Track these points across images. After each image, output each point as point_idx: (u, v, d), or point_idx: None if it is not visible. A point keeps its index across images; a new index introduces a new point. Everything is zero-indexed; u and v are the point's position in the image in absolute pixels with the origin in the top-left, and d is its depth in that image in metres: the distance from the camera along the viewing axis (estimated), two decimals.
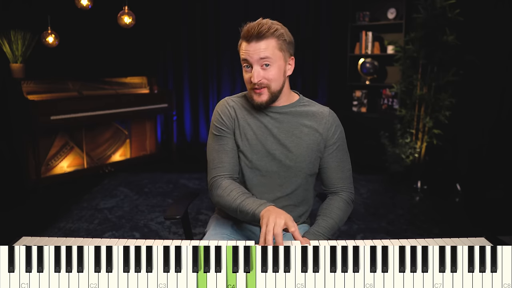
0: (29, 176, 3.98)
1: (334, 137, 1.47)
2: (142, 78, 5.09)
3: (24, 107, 3.85)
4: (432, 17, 3.78)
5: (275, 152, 1.43)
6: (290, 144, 1.43)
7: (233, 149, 1.45)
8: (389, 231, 3.12)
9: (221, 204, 1.41)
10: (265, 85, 1.36)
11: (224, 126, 1.45)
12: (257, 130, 1.44)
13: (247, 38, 1.33)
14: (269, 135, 1.44)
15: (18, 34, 4.01)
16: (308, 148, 1.44)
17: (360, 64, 4.98)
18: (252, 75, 1.34)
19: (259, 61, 1.33)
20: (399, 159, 4.16)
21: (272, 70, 1.35)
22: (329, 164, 1.48)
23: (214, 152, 1.46)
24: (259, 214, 1.25)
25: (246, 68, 1.37)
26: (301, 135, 1.44)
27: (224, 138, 1.45)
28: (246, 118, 1.45)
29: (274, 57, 1.34)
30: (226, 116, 1.46)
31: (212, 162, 1.46)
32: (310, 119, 1.46)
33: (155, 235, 3.03)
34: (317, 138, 1.45)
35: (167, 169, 4.84)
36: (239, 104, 1.48)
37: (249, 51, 1.33)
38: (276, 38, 1.34)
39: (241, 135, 1.45)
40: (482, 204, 3.72)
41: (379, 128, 4.47)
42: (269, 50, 1.33)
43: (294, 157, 1.44)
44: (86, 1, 3.81)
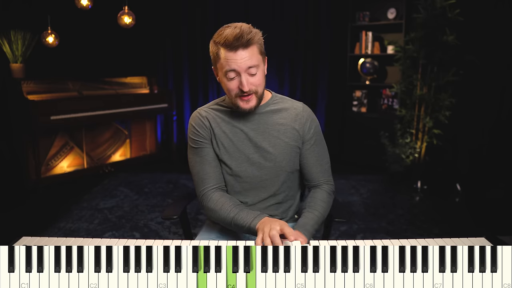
0: (29, 176, 3.98)
1: (310, 131, 1.48)
2: (142, 78, 5.09)
3: (24, 107, 3.85)
4: (432, 17, 3.78)
5: (254, 156, 1.44)
6: (268, 145, 1.44)
7: (214, 158, 1.46)
8: (389, 231, 3.12)
9: (214, 218, 1.42)
10: (253, 91, 1.35)
11: (201, 137, 1.45)
12: (233, 136, 1.44)
13: (231, 46, 1.29)
14: (245, 140, 1.44)
15: (18, 34, 4.01)
16: (286, 146, 1.45)
17: (360, 64, 4.98)
18: (242, 83, 1.31)
19: (246, 70, 1.31)
20: (399, 159, 4.16)
21: (258, 75, 1.34)
22: (308, 159, 1.49)
23: (197, 165, 1.45)
24: (255, 227, 1.26)
25: (231, 77, 1.33)
26: (278, 134, 1.44)
27: (204, 149, 1.45)
28: (221, 126, 1.45)
29: (258, 62, 1.33)
30: (200, 127, 1.45)
31: (197, 175, 1.45)
32: (285, 116, 1.46)
33: (155, 235, 3.03)
34: (294, 135, 1.45)
35: (167, 169, 4.84)
36: (212, 113, 1.47)
37: (236, 60, 1.30)
38: (257, 44, 1.33)
39: (218, 144, 1.44)
40: (482, 204, 3.72)
41: (379, 128, 4.47)
42: (254, 57, 1.31)
43: (273, 157, 1.44)
44: (86, 1, 3.81)
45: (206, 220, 1.66)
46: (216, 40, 1.33)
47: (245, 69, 1.31)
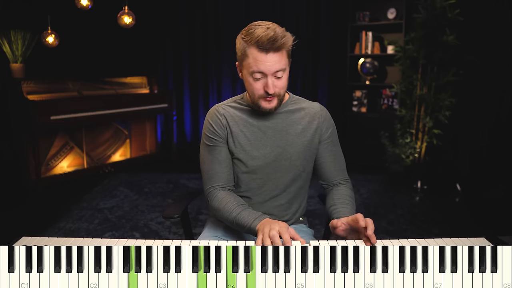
0: (29, 176, 3.98)
1: (328, 131, 1.49)
2: (142, 78, 5.09)
3: (24, 107, 3.85)
4: (432, 17, 3.78)
5: (271, 154, 1.44)
6: (285, 144, 1.44)
7: (226, 158, 1.45)
8: (389, 231, 3.12)
9: (218, 216, 1.43)
10: (277, 94, 1.35)
11: (216, 135, 1.44)
12: (250, 135, 1.44)
13: (264, 49, 1.27)
14: (263, 139, 1.44)
15: (18, 34, 4.01)
16: (303, 145, 1.45)
17: (360, 64, 4.98)
18: (268, 86, 1.31)
19: (274, 73, 1.31)
20: (399, 159, 4.16)
21: (283, 79, 1.34)
22: (326, 158, 1.50)
23: (208, 163, 1.45)
24: (255, 228, 1.26)
25: (257, 78, 1.32)
26: (296, 133, 1.45)
27: (217, 147, 1.44)
28: (239, 125, 1.45)
29: (286, 66, 1.33)
30: (217, 125, 1.44)
31: (206, 173, 1.46)
32: (302, 116, 1.47)
33: (155, 235, 3.03)
34: (311, 135, 1.46)
35: (167, 169, 4.84)
36: (230, 111, 1.47)
37: (265, 62, 1.28)
38: (288, 48, 1.33)
39: (234, 142, 1.44)
40: (482, 204, 3.72)
41: (379, 128, 4.47)
42: (283, 61, 1.31)
43: (289, 156, 1.44)
44: (86, 1, 3.81)
45: (210, 218, 1.65)
46: (246, 38, 1.30)
47: (273, 72, 1.31)
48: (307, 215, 1.65)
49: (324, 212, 1.55)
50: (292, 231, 1.17)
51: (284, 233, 1.14)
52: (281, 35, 1.28)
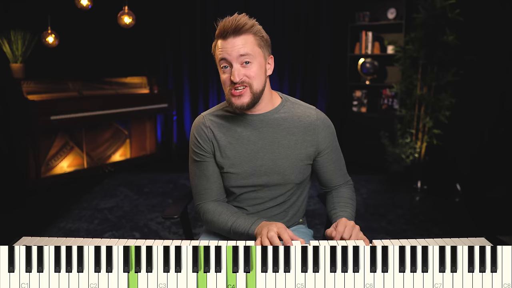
0: (29, 176, 3.98)
1: (326, 142, 1.40)
2: (142, 78, 5.09)
3: (24, 107, 3.85)
4: (432, 17, 3.78)
5: (262, 167, 1.37)
6: (277, 157, 1.36)
7: (214, 172, 1.39)
8: (389, 231, 3.12)
9: (214, 229, 1.40)
10: (246, 83, 1.26)
11: (202, 150, 1.38)
12: (240, 147, 1.36)
13: (223, 35, 1.25)
14: (253, 151, 1.36)
15: (18, 34, 4.01)
16: (296, 158, 1.37)
17: (360, 64, 4.98)
18: (233, 73, 1.24)
19: (238, 59, 1.24)
20: (399, 159, 4.16)
21: (253, 67, 1.26)
22: (327, 167, 1.44)
23: (196, 178, 1.41)
24: (253, 233, 1.24)
25: (224, 69, 1.27)
26: (289, 144, 1.36)
27: (204, 163, 1.39)
28: (226, 136, 1.37)
29: (254, 53, 1.26)
30: (203, 139, 1.38)
31: (195, 188, 1.42)
32: (296, 125, 1.37)
33: (155, 235, 3.03)
34: (306, 147, 1.38)
35: (167, 169, 4.84)
36: (217, 121, 1.38)
37: (226, 48, 1.24)
38: (254, 34, 1.27)
39: (222, 156, 1.37)
40: (482, 204, 3.72)
41: (379, 128, 4.47)
42: (248, 46, 1.25)
43: (282, 170, 1.37)
44: (86, 1, 3.81)
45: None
46: (215, 33, 1.30)
47: (236, 57, 1.24)
48: (307, 215, 1.65)
49: (324, 212, 1.55)
50: (290, 232, 1.15)
51: (283, 233, 1.13)
52: (239, 19, 1.26)
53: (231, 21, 1.26)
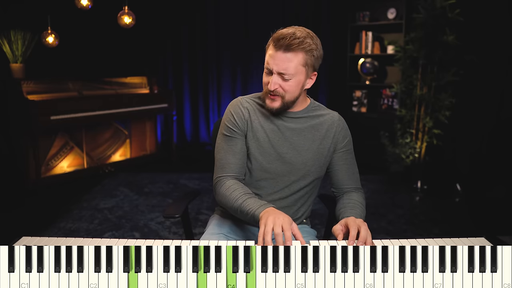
0: (29, 176, 3.98)
1: (345, 141, 1.50)
2: (142, 78, 5.09)
3: (24, 107, 3.85)
4: (432, 17, 3.78)
5: (286, 155, 1.43)
6: (301, 148, 1.44)
7: (241, 150, 1.44)
8: (389, 231, 3.12)
9: (223, 203, 1.40)
10: (279, 94, 1.35)
11: (236, 127, 1.44)
12: (270, 132, 1.44)
13: (277, 45, 1.30)
14: (281, 138, 1.44)
15: (18, 34, 4.01)
16: (318, 152, 1.45)
17: (360, 64, 4.98)
18: (270, 82, 1.33)
19: (279, 74, 1.32)
20: (399, 159, 4.16)
21: (290, 83, 1.34)
22: (340, 167, 1.49)
23: (222, 152, 1.44)
24: (259, 215, 1.23)
25: (267, 72, 1.36)
26: (314, 138, 1.45)
27: (234, 139, 1.44)
28: (260, 120, 1.44)
29: (295, 72, 1.32)
30: (239, 117, 1.44)
31: (219, 162, 1.44)
32: (321, 123, 1.47)
33: (155, 235, 3.03)
34: (327, 143, 1.47)
35: (167, 169, 4.84)
36: (254, 105, 1.47)
37: (274, 59, 1.31)
38: (305, 53, 1.31)
39: (253, 137, 1.44)
40: (482, 204, 3.72)
41: (379, 128, 4.47)
42: (292, 65, 1.30)
43: (305, 160, 1.44)
44: (86, 1, 3.81)
45: (214, 215, 1.63)
46: (272, 35, 1.35)
47: (278, 71, 1.32)
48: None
49: (325, 212, 1.55)
50: (295, 226, 1.16)
51: (286, 229, 1.13)
52: (297, 35, 1.29)
53: (289, 35, 1.29)
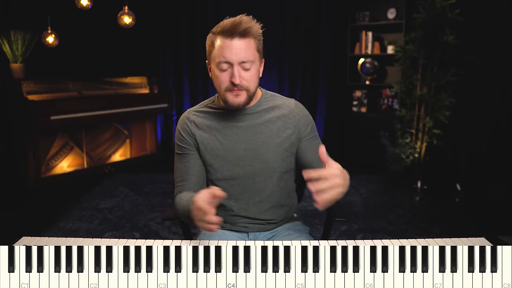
0: (29, 176, 3.98)
1: (308, 128, 1.43)
2: (142, 78, 5.09)
3: (24, 107, 3.85)
4: (432, 17, 3.78)
5: (245, 158, 1.39)
6: (259, 146, 1.39)
7: (195, 165, 1.42)
8: (389, 231, 3.12)
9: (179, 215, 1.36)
10: (244, 87, 1.30)
11: (185, 143, 1.42)
12: (223, 139, 1.39)
13: (229, 34, 1.26)
14: (236, 142, 1.39)
15: (18, 34, 4.01)
16: (279, 147, 1.40)
17: (360, 64, 4.98)
18: (234, 75, 1.27)
19: (240, 63, 1.27)
20: (399, 159, 4.16)
21: (251, 72, 1.30)
22: (308, 155, 1.41)
23: (177, 171, 1.44)
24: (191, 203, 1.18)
25: (223, 68, 1.29)
26: (271, 133, 1.40)
27: (185, 155, 1.42)
28: (211, 130, 1.41)
29: (254, 58, 1.29)
30: (186, 132, 1.42)
31: (176, 181, 1.44)
32: (277, 115, 1.41)
33: (155, 235, 3.03)
34: (287, 135, 1.40)
35: (167, 169, 4.82)
36: (201, 116, 1.43)
37: (231, 49, 1.26)
38: (255, 38, 1.30)
39: (206, 149, 1.40)
40: (482, 204, 3.72)
41: (379, 128, 4.47)
42: (250, 51, 1.28)
43: (266, 159, 1.39)
44: (86, 1, 3.82)
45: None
46: (213, 30, 1.32)
47: (239, 62, 1.27)
48: (306, 214, 1.65)
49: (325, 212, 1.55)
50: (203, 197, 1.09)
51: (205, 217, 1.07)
52: (246, 21, 1.27)
53: (240, 23, 1.26)
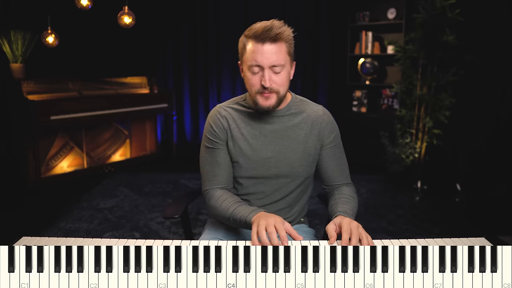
0: (29, 176, 3.98)
1: (331, 136, 1.46)
2: (142, 78, 5.09)
3: (24, 107, 3.85)
4: (432, 17, 3.78)
5: (271, 160, 1.42)
6: (286, 149, 1.42)
7: (225, 160, 1.44)
8: (389, 231, 3.12)
9: (215, 215, 1.42)
10: (274, 90, 1.32)
11: (217, 137, 1.43)
12: (251, 139, 1.42)
13: (260, 39, 1.28)
14: (264, 143, 1.42)
15: (18, 34, 4.01)
16: (304, 152, 1.43)
17: (360, 64, 4.98)
18: (264, 79, 1.29)
19: (271, 67, 1.30)
20: (399, 159, 4.16)
21: (282, 75, 1.32)
22: (329, 163, 1.47)
23: (207, 165, 1.45)
24: (250, 220, 1.24)
25: (255, 71, 1.31)
26: (298, 138, 1.43)
27: (216, 150, 1.43)
28: (240, 128, 1.43)
29: (285, 62, 1.31)
30: (218, 127, 1.43)
31: (205, 175, 1.45)
32: (305, 120, 1.44)
33: (155, 235, 3.03)
34: (313, 141, 1.44)
35: (167, 169, 4.84)
36: (232, 113, 1.45)
37: (262, 53, 1.28)
38: (286, 43, 1.31)
39: (234, 146, 1.43)
40: (482, 204, 3.72)
41: (379, 128, 4.47)
42: (281, 55, 1.29)
43: (291, 163, 1.42)
44: (86, 1, 3.81)
45: (209, 219, 1.64)
46: (246, 33, 1.33)
47: (269, 66, 1.29)
48: (308, 215, 1.65)
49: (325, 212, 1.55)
50: (288, 225, 1.16)
51: (280, 229, 1.13)
52: (278, 26, 1.29)
53: (269, 26, 1.28)
